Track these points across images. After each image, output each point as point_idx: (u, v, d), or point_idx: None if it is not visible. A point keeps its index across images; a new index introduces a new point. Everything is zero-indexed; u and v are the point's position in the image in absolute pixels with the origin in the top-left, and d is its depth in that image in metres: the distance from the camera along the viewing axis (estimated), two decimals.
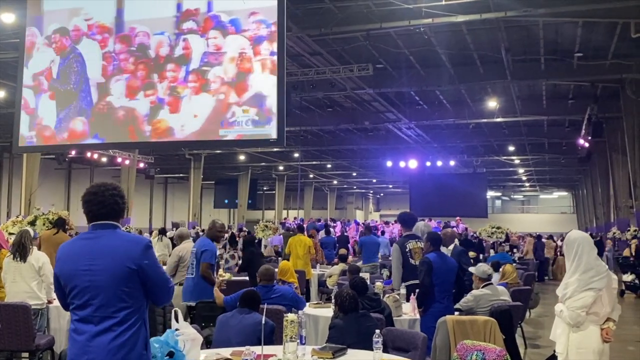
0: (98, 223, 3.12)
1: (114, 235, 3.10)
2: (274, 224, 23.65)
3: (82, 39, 9.58)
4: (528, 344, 8.81)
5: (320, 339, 5.71)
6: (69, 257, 3.11)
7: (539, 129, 23.52)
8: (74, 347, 3.00)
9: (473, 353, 4.19)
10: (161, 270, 3.18)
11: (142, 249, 3.07)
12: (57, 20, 9.76)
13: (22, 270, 6.35)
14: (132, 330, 2.99)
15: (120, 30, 9.42)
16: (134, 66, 9.27)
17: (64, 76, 9.60)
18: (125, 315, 2.98)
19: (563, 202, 52.56)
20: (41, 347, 6.14)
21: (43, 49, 9.80)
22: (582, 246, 4.44)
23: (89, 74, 9.47)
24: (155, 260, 3.14)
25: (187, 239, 8.52)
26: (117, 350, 2.93)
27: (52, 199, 27.53)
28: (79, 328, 3.00)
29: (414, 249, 7.20)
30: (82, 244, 3.12)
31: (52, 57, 9.74)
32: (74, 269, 3.05)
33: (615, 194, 21.04)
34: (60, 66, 9.64)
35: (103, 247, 3.04)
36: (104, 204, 3.12)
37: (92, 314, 2.98)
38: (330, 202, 48.33)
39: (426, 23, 11.51)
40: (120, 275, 2.99)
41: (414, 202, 29.51)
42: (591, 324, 4.34)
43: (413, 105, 19.93)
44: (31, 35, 9.92)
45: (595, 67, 14.97)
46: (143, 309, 3.11)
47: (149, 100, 9.12)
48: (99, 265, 3.00)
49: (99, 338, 2.94)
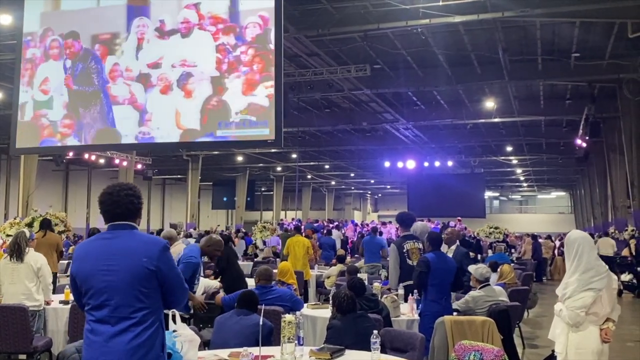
0: (115, 223, 3.11)
1: (131, 235, 3.09)
2: (272, 224, 23.66)
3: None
4: (526, 344, 8.81)
5: (319, 340, 5.70)
6: (85, 257, 3.09)
7: (537, 129, 23.54)
8: (91, 349, 2.97)
9: (471, 353, 4.19)
10: (178, 272, 3.17)
11: (160, 250, 3.06)
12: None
13: (19, 272, 6.34)
14: (150, 331, 2.98)
15: None
16: None
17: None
18: (143, 316, 2.97)
19: (561, 202, 52.62)
20: (39, 349, 6.13)
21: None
22: (582, 246, 4.43)
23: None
24: (173, 262, 3.14)
25: (176, 241, 8.11)
26: (135, 350, 2.92)
27: (50, 200, 27.46)
28: (95, 329, 2.98)
29: (411, 249, 7.20)
30: (100, 244, 3.10)
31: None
32: (91, 269, 3.03)
33: (612, 194, 21.05)
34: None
35: (121, 247, 3.03)
36: (119, 204, 3.11)
37: (110, 314, 2.96)
38: (328, 203, 48.33)
39: (423, 23, 11.52)
40: (138, 276, 2.97)
41: (412, 203, 29.51)
42: (590, 324, 4.34)
43: (411, 105, 19.94)
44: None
45: (593, 67, 15.00)
46: (160, 311, 3.09)
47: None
48: (117, 266, 2.99)
49: (117, 338, 2.92)
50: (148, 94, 9.03)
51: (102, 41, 9.40)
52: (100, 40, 9.41)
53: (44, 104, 9.74)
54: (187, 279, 6.05)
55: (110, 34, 9.35)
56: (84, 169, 32.02)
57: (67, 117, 9.53)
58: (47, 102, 9.73)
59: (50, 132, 9.65)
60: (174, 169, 32.99)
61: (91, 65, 9.46)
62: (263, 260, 14.49)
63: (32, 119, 9.77)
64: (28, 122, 9.80)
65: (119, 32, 9.31)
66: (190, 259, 6.26)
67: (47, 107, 9.71)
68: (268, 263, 12.91)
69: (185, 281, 6.02)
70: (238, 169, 33.68)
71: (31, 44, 9.88)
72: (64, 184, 32.62)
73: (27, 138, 9.87)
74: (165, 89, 8.99)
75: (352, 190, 51.33)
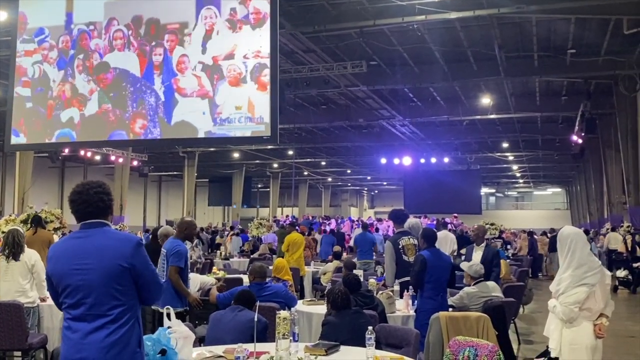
0: (87, 222, 3.10)
1: (104, 233, 3.09)
2: (268, 221, 23.66)
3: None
4: (521, 340, 8.83)
5: (314, 336, 5.70)
6: (60, 257, 3.10)
7: (533, 126, 23.58)
8: (67, 345, 2.99)
9: (465, 349, 4.19)
10: (152, 268, 3.17)
11: (133, 247, 3.06)
12: None
13: (13, 269, 6.32)
14: (126, 327, 2.99)
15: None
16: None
17: None
18: (119, 313, 2.98)
19: (557, 199, 52.69)
20: (34, 346, 6.11)
21: None
22: (575, 242, 4.43)
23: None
24: (147, 259, 3.13)
25: None
26: (110, 347, 2.93)
27: (46, 197, 27.40)
28: (72, 326, 3.00)
29: (406, 245, 7.21)
30: (73, 244, 3.10)
31: None
32: (66, 268, 3.04)
33: (608, 190, 21.12)
34: None
35: (94, 245, 3.03)
36: (90, 203, 3.10)
37: (85, 312, 2.97)
38: (325, 200, 48.36)
39: (419, 20, 11.52)
40: (112, 274, 2.98)
41: (408, 199, 29.56)
42: (584, 319, 4.34)
43: (407, 102, 19.94)
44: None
45: (588, 63, 15.02)
46: (136, 307, 3.10)
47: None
48: (91, 264, 2.99)
49: (92, 335, 2.94)
50: (219, 85, 8.95)
51: (171, 31, 9.24)
52: (169, 31, 9.26)
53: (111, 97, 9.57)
54: (182, 267, 6.13)
55: (178, 23, 9.21)
56: (80, 165, 31.96)
57: (137, 113, 9.37)
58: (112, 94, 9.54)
59: (120, 126, 9.47)
60: (170, 166, 32.95)
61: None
62: (259, 257, 14.48)
63: (97, 112, 9.57)
64: (94, 115, 9.59)
65: (187, 22, 9.16)
66: (176, 248, 6.17)
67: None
68: (264, 260, 12.91)
69: (182, 270, 6.17)
70: (234, 165, 33.65)
71: (94, 34, 9.69)
72: (59, 181, 32.56)
73: (92, 132, 9.71)
74: (235, 81, 8.89)
75: (349, 186, 51.34)
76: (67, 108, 9.74)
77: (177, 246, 6.21)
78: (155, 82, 9.23)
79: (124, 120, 9.41)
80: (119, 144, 15.46)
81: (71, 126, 9.72)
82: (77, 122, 9.67)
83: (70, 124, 9.72)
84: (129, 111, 9.38)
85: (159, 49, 9.27)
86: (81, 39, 9.73)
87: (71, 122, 9.72)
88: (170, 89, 9.12)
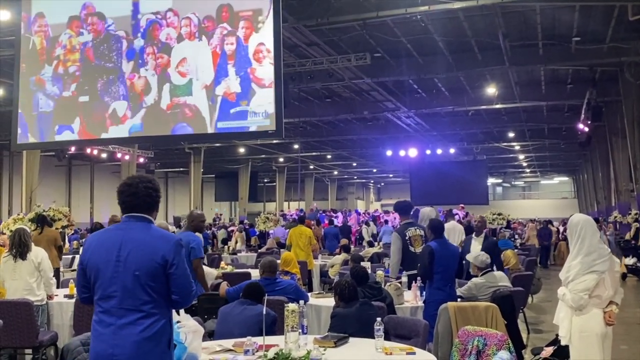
0: (131, 215, 3.09)
1: (146, 229, 3.07)
2: (275, 215, 23.67)
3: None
4: (530, 329, 8.83)
5: (323, 329, 5.71)
6: (97, 248, 3.07)
7: (539, 115, 23.47)
8: (100, 340, 2.95)
9: (475, 338, 4.19)
10: (187, 272, 3.10)
11: (172, 246, 3.03)
12: None
13: (21, 268, 6.36)
14: (159, 325, 2.96)
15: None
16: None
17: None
18: (151, 309, 2.95)
19: (564, 187, 52.56)
20: (45, 343, 6.15)
21: None
22: (584, 229, 4.42)
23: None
24: (184, 261, 3.07)
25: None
26: (144, 342, 2.90)
27: (53, 195, 27.46)
28: (103, 320, 2.97)
29: (413, 236, 7.22)
30: (113, 235, 3.09)
31: None
32: (102, 259, 3.01)
33: (615, 178, 21.01)
34: None
35: (133, 239, 3.01)
36: (137, 196, 3.09)
37: (117, 306, 2.94)
38: (331, 193, 48.35)
39: (423, 10, 11.46)
40: (148, 270, 2.95)
41: (415, 191, 29.52)
42: (594, 307, 4.33)
43: (412, 93, 19.88)
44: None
45: (593, 51, 14.91)
46: (169, 308, 3.07)
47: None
48: (127, 258, 2.97)
49: (126, 330, 2.91)
50: None
51: (245, 18, 8.81)
52: (243, 18, 8.85)
53: (182, 88, 9.14)
54: (202, 257, 6.46)
55: (251, 10, 8.84)
56: (87, 163, 32.02)
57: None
58: (185, 86, 9.14)
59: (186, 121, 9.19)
60: (176, 162, 32.97)
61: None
62: (267, 251, 14.51)
63: (167, 107, 9.23)
64: (163, 109, 9.26)
65: (261, 9, 8.78)
66: (194, 241, 6.36)
67: (185, 94, 9.12)
68: (272, 254, 12.93)
69: (202, 260, 6.38)
70: (240, 160, 33.65)
71: (163, 23, 9.26)
72: (66, 179, 32.66)
73: (158, 127, 9.45)
74: None
75: (355, 179, 51.29)
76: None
77: (193, 241, 6.37)
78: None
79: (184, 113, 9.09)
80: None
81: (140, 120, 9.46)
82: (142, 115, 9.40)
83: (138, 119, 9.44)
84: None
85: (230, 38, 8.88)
86: (153, 29, 9.30)
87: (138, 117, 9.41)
88: None
